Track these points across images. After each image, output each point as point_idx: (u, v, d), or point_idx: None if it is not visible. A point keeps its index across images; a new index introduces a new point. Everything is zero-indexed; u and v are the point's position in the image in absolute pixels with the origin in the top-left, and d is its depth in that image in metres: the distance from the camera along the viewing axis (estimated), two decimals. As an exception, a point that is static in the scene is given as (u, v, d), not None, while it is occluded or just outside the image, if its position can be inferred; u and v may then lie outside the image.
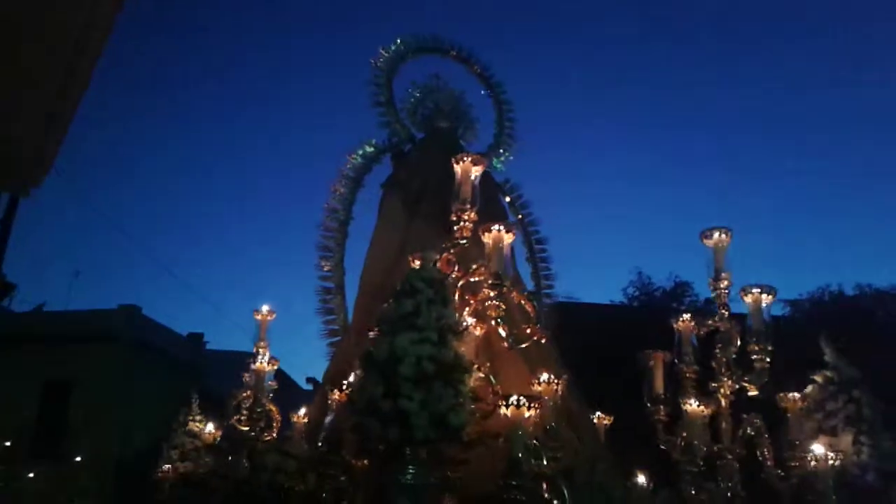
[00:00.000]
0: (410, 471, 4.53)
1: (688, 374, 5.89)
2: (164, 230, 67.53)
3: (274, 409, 6.87)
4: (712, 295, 5.84)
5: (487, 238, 5.55)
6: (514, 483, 4.70)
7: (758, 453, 5.67)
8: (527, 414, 4.89)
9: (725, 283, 5.71)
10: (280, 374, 8.20)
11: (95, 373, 19.90)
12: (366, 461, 5.16)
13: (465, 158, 5.96)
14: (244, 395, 7.05)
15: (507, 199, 8.95)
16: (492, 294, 5.42)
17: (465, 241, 5.86)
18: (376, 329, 4.95)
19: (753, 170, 64.08)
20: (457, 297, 5.69)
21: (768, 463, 5.64)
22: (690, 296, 18.94)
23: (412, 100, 9.05)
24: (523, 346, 5.66)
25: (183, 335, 24.76)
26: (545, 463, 5.06)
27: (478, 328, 5.71)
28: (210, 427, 8.22)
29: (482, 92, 9.40)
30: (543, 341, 5.86)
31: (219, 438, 7.90)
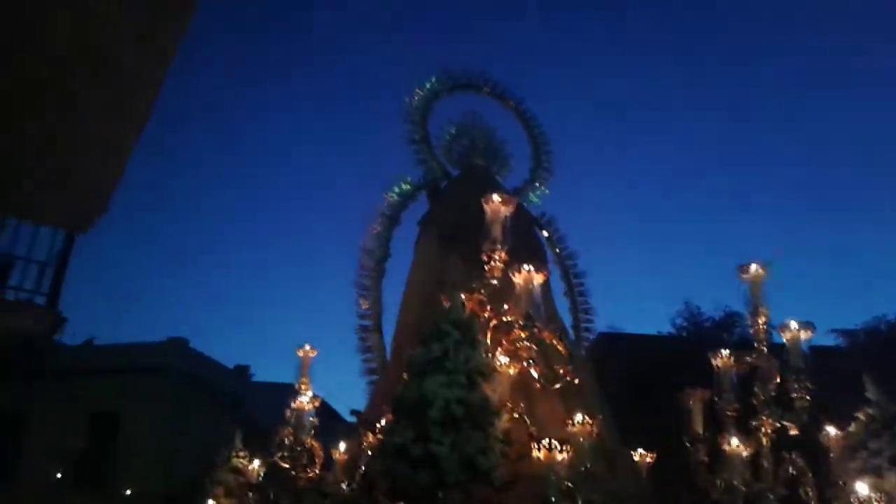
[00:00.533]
0: (442, 514, 4.53)
1: (728, 413, 5.80)
2: (205, 260, 68.12)
3: (316, 445, 6.88)
4: (751, 330, 5.79)
5: (518, 278, 5.55)
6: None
7: (801, 492, 5.53)
8: (559, 457, 4.85)
9: (763, 318, 5.64)
10: (324, 407, 8.22)
11: (143, 405, 20.16)
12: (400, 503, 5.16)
13: (495, 199, 5.98)
14: (286, 432, 7.08)
15: (545, 233, 8.93)
16: (523, 335, 5.41)
17: (495, 281, 5.87)
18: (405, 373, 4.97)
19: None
20: (489, 336, 5.69)
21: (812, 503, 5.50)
22: (740, 326, 18.47)
23: (447, 136, 9.11)
24: (556, 386, 5.63)
25: (229, 367, 24.98)
26: (579, 504, 5.00)
27: (512, 368, 5.69)
28: (256, 463, 8.26)
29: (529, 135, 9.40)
30: (577, 381, 5.81)
31: (262, 475, 7.93)
